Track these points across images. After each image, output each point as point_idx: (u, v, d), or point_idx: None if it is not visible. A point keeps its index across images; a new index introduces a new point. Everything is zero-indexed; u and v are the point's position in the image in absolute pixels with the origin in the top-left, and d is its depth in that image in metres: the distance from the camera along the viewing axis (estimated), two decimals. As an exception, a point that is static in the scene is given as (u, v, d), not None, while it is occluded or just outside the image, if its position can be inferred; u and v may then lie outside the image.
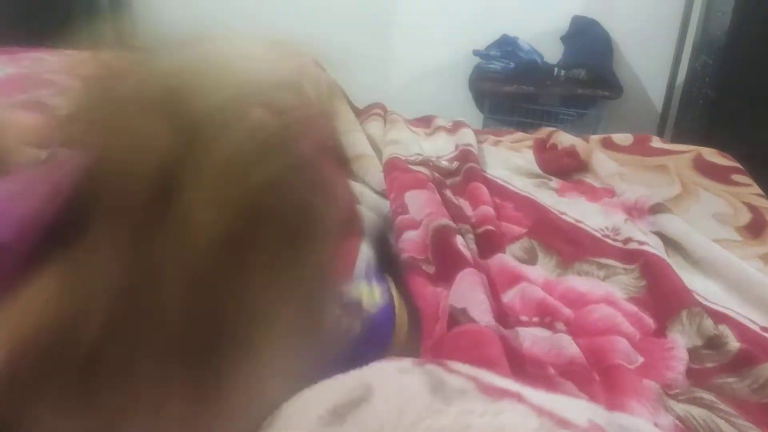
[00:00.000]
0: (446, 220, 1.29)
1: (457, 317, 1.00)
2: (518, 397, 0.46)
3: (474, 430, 0.42)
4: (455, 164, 1.71)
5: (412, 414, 0.43)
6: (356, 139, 1.75)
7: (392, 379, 0.49)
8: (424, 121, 2.12)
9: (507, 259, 1.28)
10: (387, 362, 0.54)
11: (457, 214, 1.39)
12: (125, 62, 0.46)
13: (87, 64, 0.47)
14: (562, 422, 0.43)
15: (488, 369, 0.53)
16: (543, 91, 2.95)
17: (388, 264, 0.91)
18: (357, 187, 1.55)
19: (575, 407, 0.49)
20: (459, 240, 1.22)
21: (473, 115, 2.97)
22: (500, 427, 0.42)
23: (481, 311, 0.99)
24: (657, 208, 1.47)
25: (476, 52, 3.07)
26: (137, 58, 0.46)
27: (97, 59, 0.46)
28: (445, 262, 1.18)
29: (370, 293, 0.76)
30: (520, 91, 2.94)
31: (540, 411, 0.44)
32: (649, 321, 1.11)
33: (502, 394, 0.46)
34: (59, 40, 0.81)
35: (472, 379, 0.48)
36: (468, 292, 1.05)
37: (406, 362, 0.52)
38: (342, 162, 0.71)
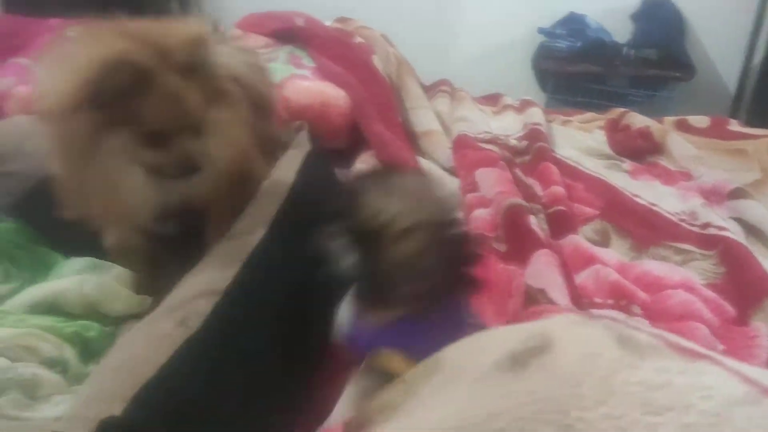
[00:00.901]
0: (518, 199, 1.28)
1: (534, 296, 0.99)
2: (713, 360, 0.43)
3: (674, 388, 0.40)
4: (524, 143, 1.69)
5: (604, 366, 0.42)
6: (425, 115, 1.74)
7: (571, 330, 0.48)
8: (492, 99, 2.09)
9: (579, 240, 1.26)
10: (558, 315, 0.54)
11: (527, 194, 1.37)
12: None
13: None
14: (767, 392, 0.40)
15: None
16: (610, 72, 2.85)
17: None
18: (425, 163, 1.55)
19: None
20: (532, 220, 1.21)
21: (535, 96, 2.89)
22: (704, 388, 0.40)
23: (560, 293, 0.99)
24: (736, 193, 1.42)
25: (541, 30, 2.98)
26: None
27: None
28: (518, 241, 1.17)
29: None
30: (586, 71, 2.85)
31: (743, 377, 0.41)
32: (729, 308, 1.08)
33: (695, 355, 0.44)
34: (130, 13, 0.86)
35: (657, 337, 0.46)
36: (545, 273, 1.04)
37: (577, 315, 0.51)
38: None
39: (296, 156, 0.95)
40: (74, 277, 0.89)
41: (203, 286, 0.61)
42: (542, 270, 1.05)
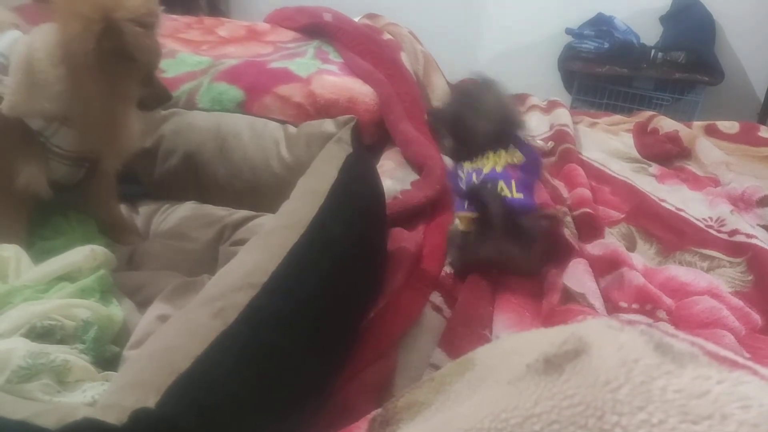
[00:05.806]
0: (552, 210, 1.29)
1: (574, 298, 1.01)
2: (751, 370, 0.43)
3: (713, 398, 0.40)
4: (550, 144, 1.68)
5: (642, 372, 0.42)
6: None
7: (606, 334, 0.47)
8: (518, 99, 2.08)
9: (605, 243, 1.25)
10: (592, 319, 0.53)
11: (553, 195, 1.37)
12: None
13: None
14: None
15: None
16: (637, 74, 2.82)
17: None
18: (449, 162, 1.54)
19: None
20: (566, 232, 1.22)
21: (560, 96, 2.87)
22: (743, 398, 0.39)
23: (597, 300, 1.01)
24: (766, 201, 1.40)
25: (569, 31, 2.96)
26: None
27: None
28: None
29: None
30: (613, 72, 2.82)
31: None
32: (756, 317, 1.07)
33: (734, 364, 0.43)
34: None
35: (695, 345, 0.45)
36: (585, 281, 1.06)
37: (612, 320, 0.50)
38: None
39: (338, 152, 0.95)
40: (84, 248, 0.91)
41: (242, 279, 0.62)
42: (582, 277, 1.07)
